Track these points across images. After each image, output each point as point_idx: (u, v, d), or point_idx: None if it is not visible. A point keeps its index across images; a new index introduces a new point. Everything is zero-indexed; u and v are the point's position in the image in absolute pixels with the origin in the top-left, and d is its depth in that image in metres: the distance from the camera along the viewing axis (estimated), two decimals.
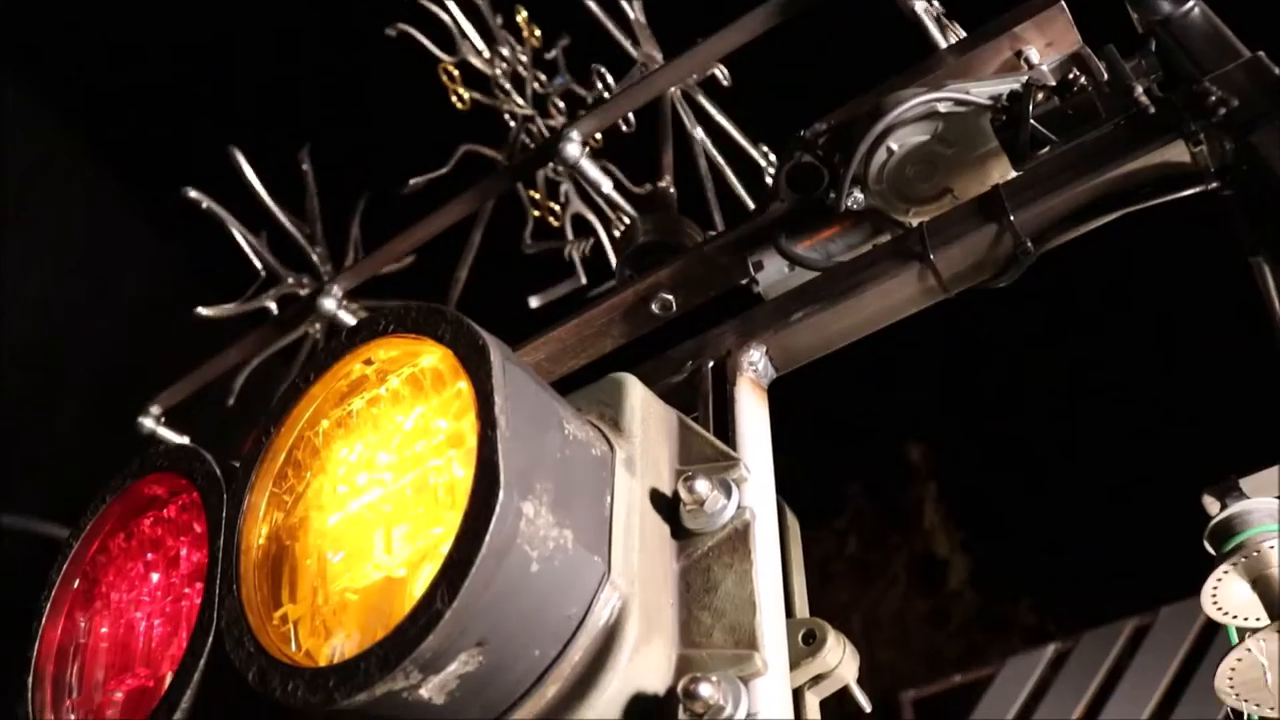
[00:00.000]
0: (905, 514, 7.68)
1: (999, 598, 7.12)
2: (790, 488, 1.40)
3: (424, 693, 1.02)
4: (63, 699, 1.40)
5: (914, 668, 6.50)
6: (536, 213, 2.40)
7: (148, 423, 2.29)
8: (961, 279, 1.41)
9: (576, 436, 1.16)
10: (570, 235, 2.37)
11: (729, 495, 1.21)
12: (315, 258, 2.42)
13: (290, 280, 2.45)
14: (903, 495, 7.67)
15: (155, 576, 1.43)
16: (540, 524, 1.04)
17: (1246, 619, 1.75)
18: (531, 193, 2.40)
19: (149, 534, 1.46)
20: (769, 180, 2.24)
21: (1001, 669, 5.54)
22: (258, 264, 2.47)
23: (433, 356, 1.20)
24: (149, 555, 1.45)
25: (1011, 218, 1.35)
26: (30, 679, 1.40)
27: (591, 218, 2.36)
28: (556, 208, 2.40)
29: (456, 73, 2.58)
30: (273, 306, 2.42)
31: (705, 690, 1.04)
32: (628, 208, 2.05)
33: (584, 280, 2.29)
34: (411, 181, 2.32)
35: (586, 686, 1.07)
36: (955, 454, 7.10)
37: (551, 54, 2.68)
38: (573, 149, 1.74)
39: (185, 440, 2.26)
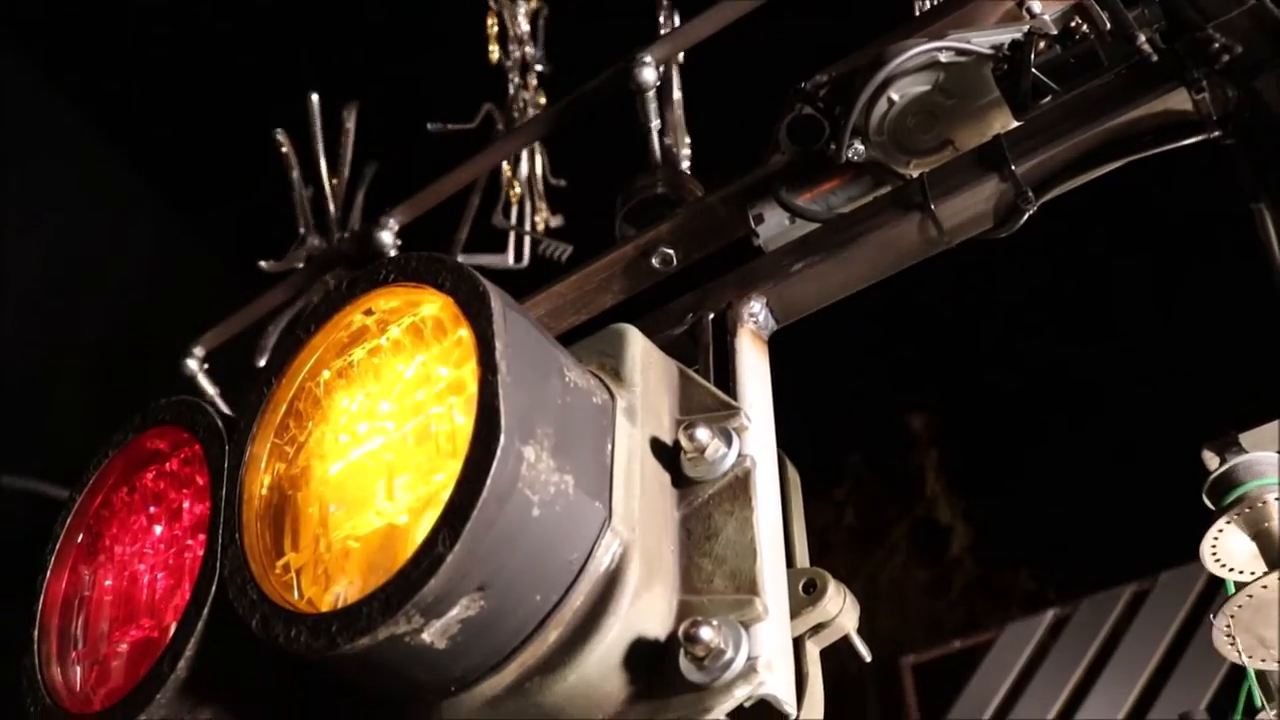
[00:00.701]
0: (905, 483, 7.70)
1: (999, 566, 7.15)
2: (790, 456, 1.40)
3: (426, 637, 1.03)
4: (68, 651, 1.41)
5: (914, 636, 6.54)
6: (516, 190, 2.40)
7: (191, 364, 2.25)
8: (962, 229, 1.41)
9: (577, 384, 1.17)
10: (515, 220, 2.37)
11: (730, 444, 1.22)
12: (334, 214, 2.40)
13: (317, 238, 2.43)
14: (903, 464, 7.68)
15: (158, 529, 1.43)
16: (541, 469, 1.04)
17: (1245, 573, 1.76)
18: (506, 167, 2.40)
19: (151, 487, 1.46)
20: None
21: (1001, 635, 5.58)
22: (302, 219, 2.44)
23: (433, 305, 1.20)
24: (151, 508, 1.45)
25: (1013, 167, 1.35)
26: (36, 632, 1.41)
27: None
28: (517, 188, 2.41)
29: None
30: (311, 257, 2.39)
31: (706, 634, 1.05)
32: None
33: (510, 262, 2.29)
34: (430, 126, 2.30)
35: (588, 631, 1.07)
36: (955, 422, 7.11)
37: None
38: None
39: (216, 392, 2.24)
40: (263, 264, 2.28)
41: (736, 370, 1.37)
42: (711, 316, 1.44)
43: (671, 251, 1.62)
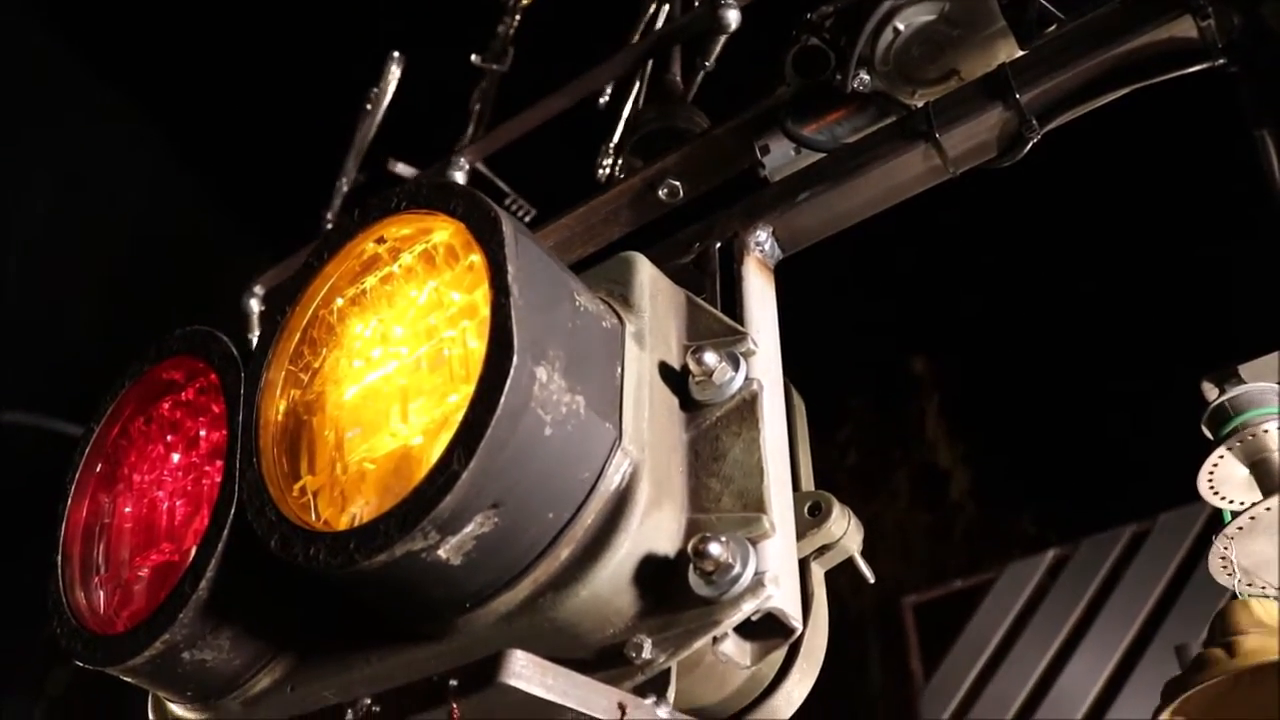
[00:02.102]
0: (907, 426, 7.73)
1: (1000, 509, 7.20)
2: None
3: (441, 553, 1.05)
4: (91, 576, 1.44)
5: (916, 577, 6.60)
6: None
7: (253, 303, 2.26)
8: (966, 158, 1.42)
9: (587, 309, 1.19)
10: None
11: (736, 367, 1.24)
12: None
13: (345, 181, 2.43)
14: (905, 408, 7.71)
15: (175, 457, 1.46)
16: (553, 388, 1.06)
17: (1241, 502, 1.79)
18: None
19: (168, 417, 1.49)
20: None
21: (1001, 575, 5.64)
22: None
23: (445, 232, 1.22)
24: (169, 437, 1.48)
25: (1017, 96, 1.36)
26: (59, 558, 1.43)
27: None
28: None
29: None
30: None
31: (715, 549, 1.07)
32: None
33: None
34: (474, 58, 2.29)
35: (599, 548, 1.10)
36: (956, 366, 7.13)
37: None
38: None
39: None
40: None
41: (743, 298, 1.38)
42: (718, 246, 1.45)
43: (678, 183, 1.63)
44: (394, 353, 1.23)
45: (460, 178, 2.05)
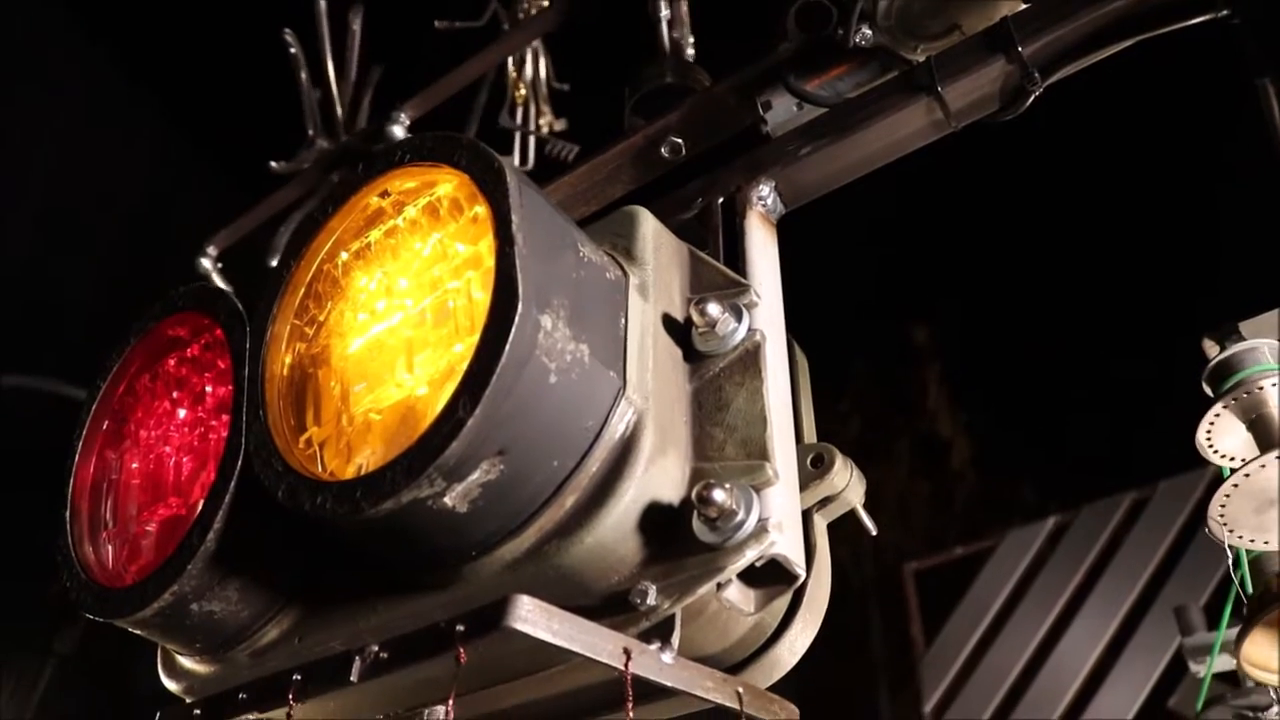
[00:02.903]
0: (909, 396, 7.75)
1: (1002, 478, 7.23)
2: None
3: (448, 500, 1.06)
4: (99, 531, 1.45)
5: (917, 545, 6.63)
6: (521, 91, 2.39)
7: (205, 263, 2.29)
8: (968, 112, 1.42)
9: (591, 260, 1.19)
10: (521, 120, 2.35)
11: (739, 318, 1.25)
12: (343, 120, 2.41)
13: (326, 139, 2.43)
14: (907, 377, 7.73)
15: (182, 412, 1.47)
16: (558, 337, 1.07)
17: (1240, 459, 1.79)
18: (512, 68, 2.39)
19: (174, 373, 1.50)
20: None
21: (1002, 542, 5.67)
22: (311, 120, 2.44)
23: (449, 184, 1.22)
24: (175, 393, 1.49)
25: (1019, 48, 1.36)
26: (67, 513, 1.45)
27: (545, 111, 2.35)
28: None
29: None
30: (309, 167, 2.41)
31: (718, 495, 1.08)
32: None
33: (516, 163, 2.27)
34: (438, 23, 2.29)
35: (604, 496, 1.11)
36: (958, 335, 7.13)
37: None
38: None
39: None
40: (273, 165, 2.29)
41: (746, 251, 1.39)
42: (720, 201, 1.46)
43: (680, 141, 1.63)
44: (399, 305, 1.23)
45: (399, 132, 2.05)
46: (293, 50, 2.24)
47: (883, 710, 5.82)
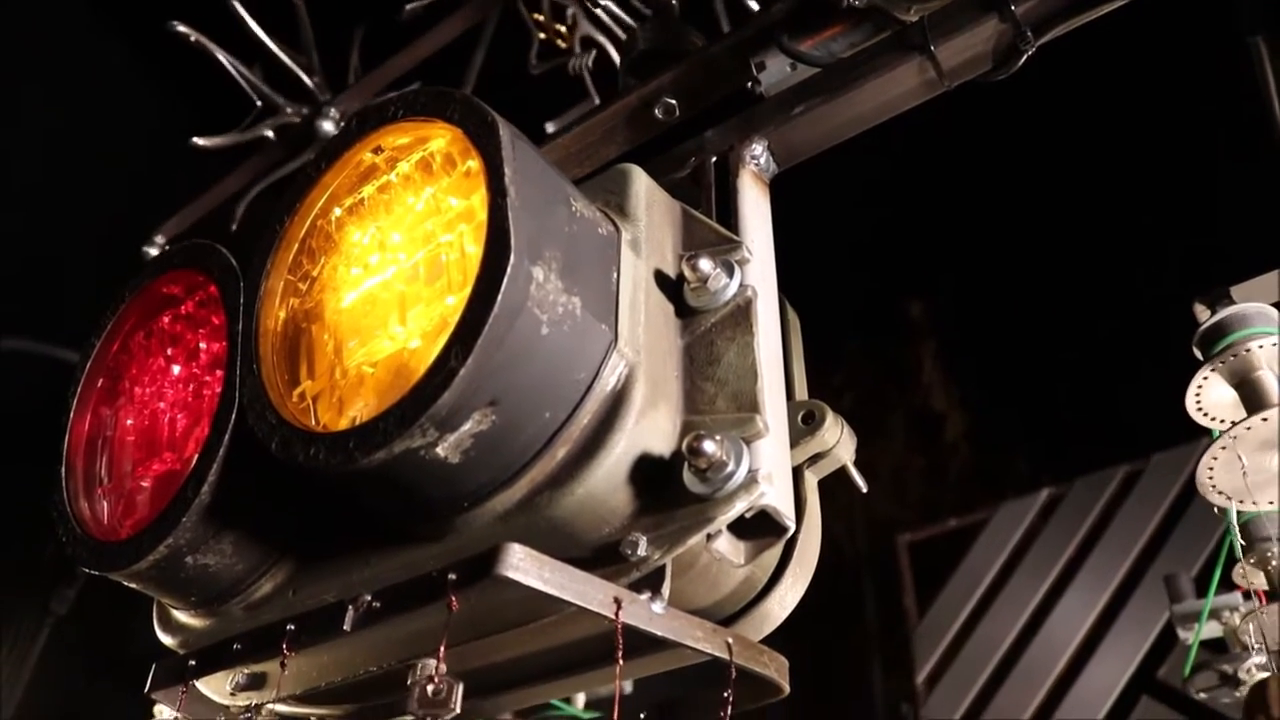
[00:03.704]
0: (903, 370, 7.76)
1: (996, 452, 7.25)
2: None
3: (440, 451, 1.06)
4: (94, 488, 1.46)
5: (912, 519, 6.65)
6: (542, 35, 2.36)
7: (153, 252, 2.32)
8: (961, 71, 1.42)
9: (584, 214, 1.20)
10: (579, 50, 2.32)
11: (731, 274, 1.25)
12: (313, 85, 2.42)
13: (289, 110, 2.45)
14: (901, 351, 7.73)
15: (176, 369, 1.48)
16: (550, 289, 1.08)
17: (1228, 422, 1.81)
18: (536, 15, 2.37)
19: (168, 330, 1.50)
20: None
21: (995, 514, 5.70)
22: (253, 95, 2.46)
23: (442, 140, 1.23)
24: (169, 350, 1.49)
25: (1012, 7, 1.36)
26: (63, 469, 1.45)
27: (599, 37, 2.32)
28: (563, 29, 2.36)
29: None
30: (271, 136, 2.42)
31: (709, 446, 1.09)
32: (630, 21, 2.03)
33: (596, 100, 2.25)
34: (409, 6, 2.29)
35: (595, 448, 1.11)
36: (953, 309, 7.14)
37: None
38: None
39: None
40: (198, 140, 2.31)
41: (738, 209, 1.39)
42: (714, 160, 1.46)
43: (674, 102, 1.63)
44: (392, 259, 1.24)
45: (329, 127, 2.06)
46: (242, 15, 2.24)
47: (875, 680, 5.86)
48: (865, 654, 5.96)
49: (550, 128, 2.11)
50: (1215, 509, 1.77)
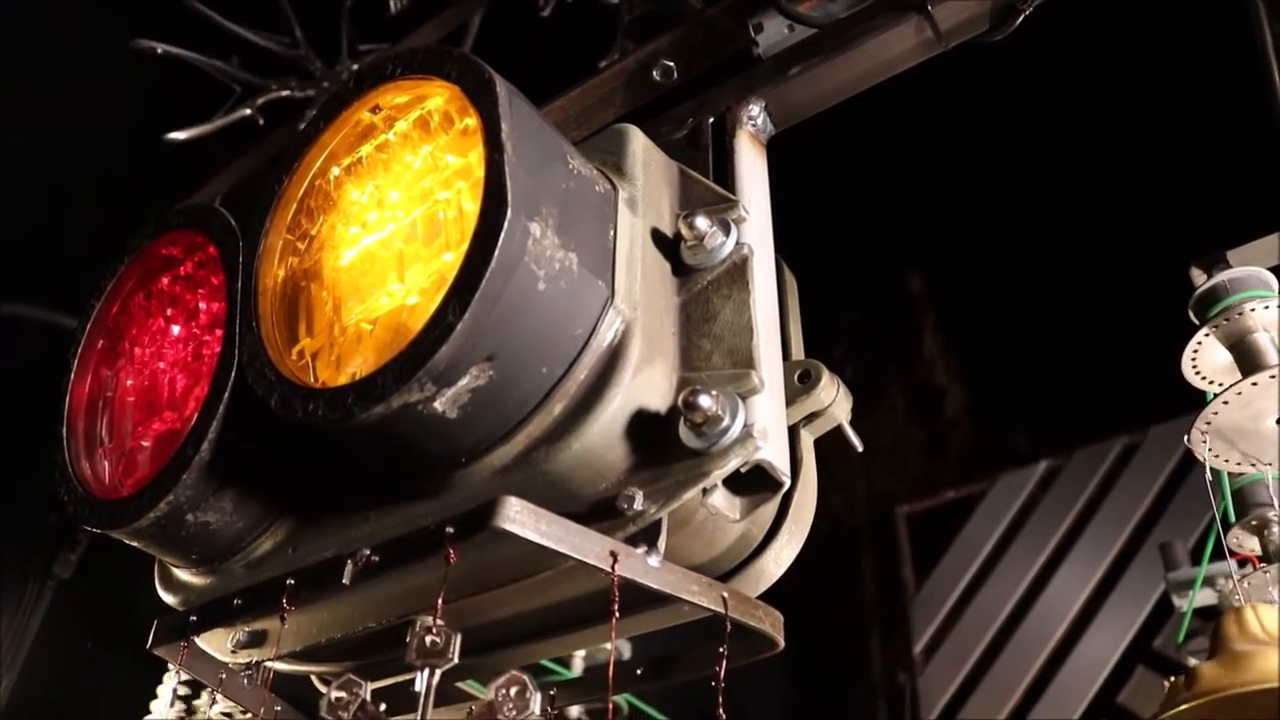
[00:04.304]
0: (904, 344, 7.76)
1: (996, 425, 7.26)
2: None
3: (438, 406, 1.07)
4: (95, 447, 1.47)
5: (910, 491, 6.66)
6: None
7: None
8: (958, 31, 1.42)
9: (581, 172, 1.20)
10: None
11: (727, 233, 1.26)
12: (303, 59, 2.41)
13: (274, 85, 2.45)
14: (902, 325, 7.73)
15: (176, 329, 1.48)
16: (546, 244, 1.08)
17: (1224, 384, 1.81)
18: None
19: (168, 291, 1.51)
20: None
21: (993, 485, 5.71)
22: (233, 85, 2.45)
23: (440, 98, 1.23)
24: (168, 310, 1.50)
25: None
26: (64, 429, 1.46)
27: None
28: None
29: None
30: (250, 113, 2.43)
31: (704, 401, 1.09)
32: None
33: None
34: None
35: (591, 403, 1.12)
36: (954, 284, 7.13)
37: None
38: None
39: None
40: (175, 135, 2.30)
41: (735, 170, 1.40)
42: (711, 121, 1.47)
43: (672, 64, 1.63)
44: (390, 217, 1.24)
45: None
46: None
47: (874, 650, 5.89)
48: (863, 624, 5.98)
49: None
50: (1208, 472, 1.77)
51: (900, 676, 5.54)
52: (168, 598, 1.45)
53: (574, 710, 3.43)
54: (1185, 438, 1.73)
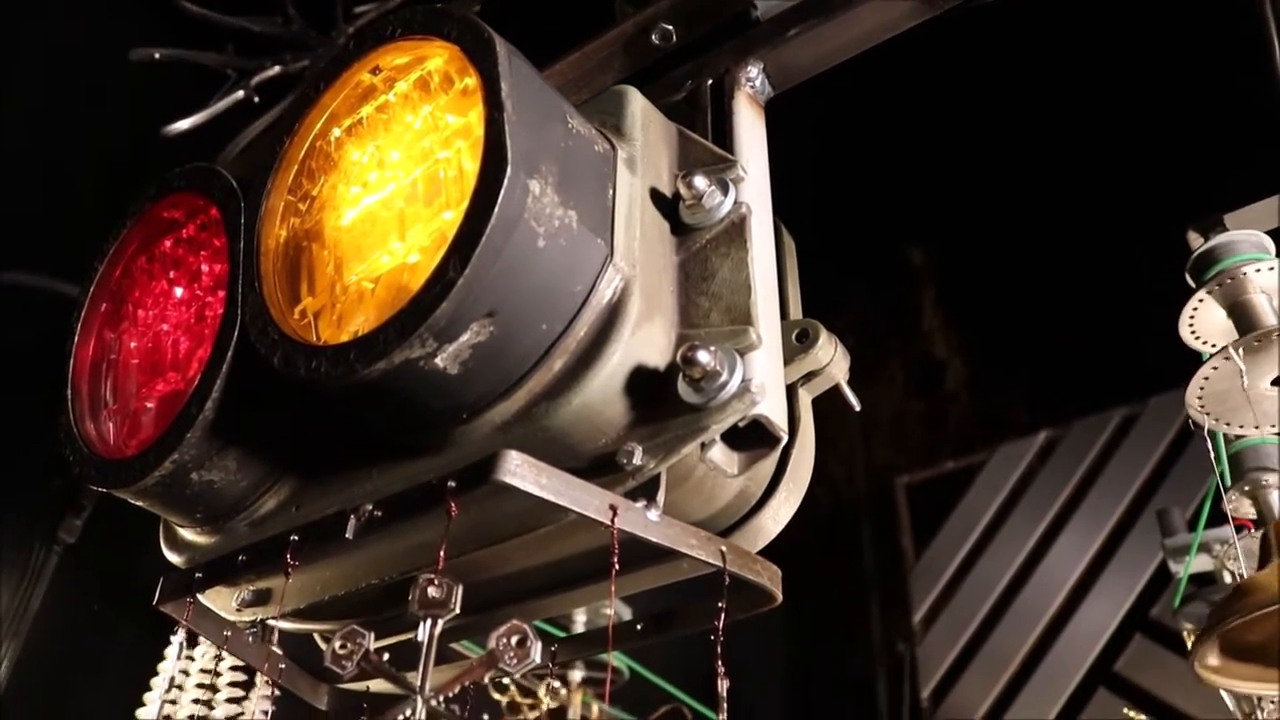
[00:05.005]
0: (904, 317, 7.77)
1: (995, 398, 7.28)
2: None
3: (439, 362, 1.08)
4: (99, 409, 1.49)
5: (910, 462, 6.69)
6: None
7: None
8: None
9: (580, 131, 1.21)
10: None
11: (726, 192, 1.27)
12: (296, 34, 2.41)
13: (269, 61, 2.45)
14: (903, 298, 7.74)
15: (179, 291, 1.50)
16: (546, 202, 1.09)
17: (1221, 346, 1.82)
18: None
19: (170, 254, 1.52)
20: None
21: (992, 456, 5.74)
22: (231, 73, 2.45)
23: (440, 58, 1.24)
24: (171, 273, 1.51)
25: None
26: (69, 392, 1.48)
27: None
28: None
29: None
30: (244, 95, 2.43)
31: (702, 357, 1.11)
32: None
33: None
34: None
35: (591, 359, 1.13)
36: (955, 257, 7.13)
37: None
38: None
39: None
40: (173, 126, 2.30)
41: (733, 131, 1.40)
42: (709, 83, 1.47)
43: (671, 27, 1.63)
44: (391, 176, 1.25)
45: None
46: None
47: (873, 619, 5.93)
48: (863, 594, 6.03)
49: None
50: (1204, 431, 1.79)
51: (899, 645, 5.59)
52: (173, 557, 1.47)
53: (576, 674, 3.47)
54: (1184, 398, 1.74)
